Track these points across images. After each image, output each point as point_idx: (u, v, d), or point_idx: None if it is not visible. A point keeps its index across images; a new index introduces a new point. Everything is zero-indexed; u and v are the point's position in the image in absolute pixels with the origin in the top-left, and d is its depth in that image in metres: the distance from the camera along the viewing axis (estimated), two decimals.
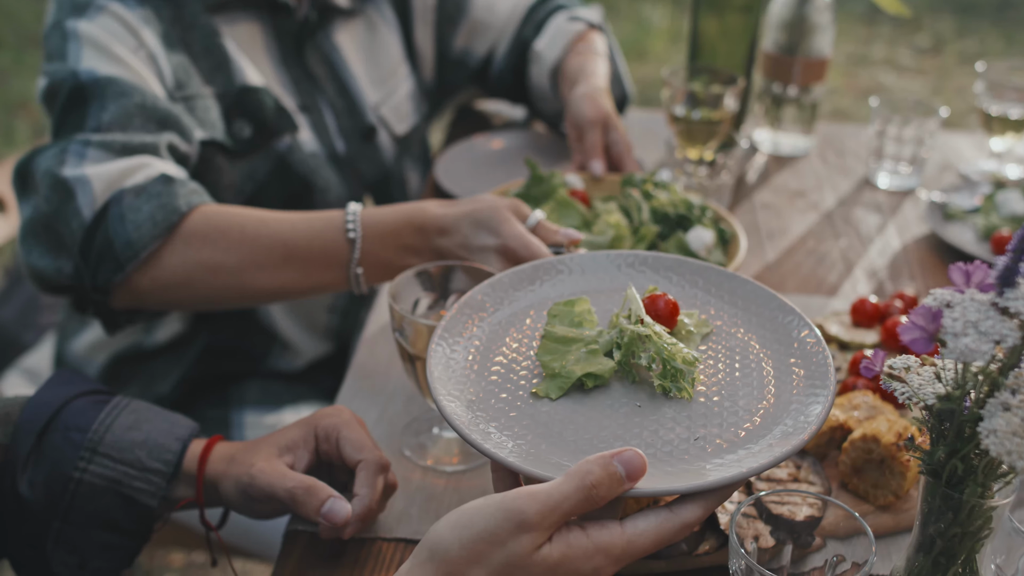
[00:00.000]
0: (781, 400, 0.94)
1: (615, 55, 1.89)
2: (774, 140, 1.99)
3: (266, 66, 1.61)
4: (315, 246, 1.28)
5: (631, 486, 0.82)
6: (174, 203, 1.28)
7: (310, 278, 1.29)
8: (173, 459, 1.05)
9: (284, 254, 1.28)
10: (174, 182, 1.30)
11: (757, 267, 1.61)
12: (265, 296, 1.32)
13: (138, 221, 1.26)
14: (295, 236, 1.28)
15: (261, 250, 1.28)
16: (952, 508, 0.84)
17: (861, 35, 5.91)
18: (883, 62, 5.59)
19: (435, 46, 1.91)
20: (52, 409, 1.06)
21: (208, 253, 1.28)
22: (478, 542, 0.78)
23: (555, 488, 0.79)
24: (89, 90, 1.36)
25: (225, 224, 1.29)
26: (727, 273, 1.10)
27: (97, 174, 1.29)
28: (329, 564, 1.06)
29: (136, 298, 1.31)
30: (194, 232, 1.28)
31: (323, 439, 1.08)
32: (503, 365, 1.00)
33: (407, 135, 1.85)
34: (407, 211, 1.28)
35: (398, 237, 1.27)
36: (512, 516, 0.78)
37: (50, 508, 1.03)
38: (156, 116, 1.38)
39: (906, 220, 1.76)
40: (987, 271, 0.76)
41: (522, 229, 1.21)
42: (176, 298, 1.32)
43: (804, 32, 1.87)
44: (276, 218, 1.30)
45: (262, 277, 1.29)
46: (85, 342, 1.75)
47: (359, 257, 1.27)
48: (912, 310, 0.75)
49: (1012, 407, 0.75)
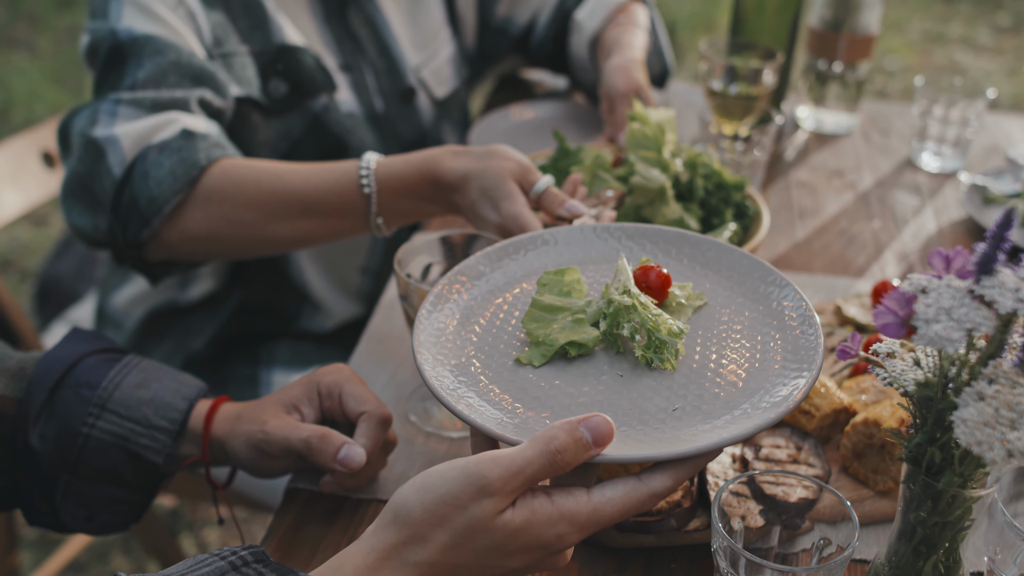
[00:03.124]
0: (764, 375, 0.94)
1: (657, 27, 1.87)
2: (817, 117, 1.96)
3: (308, 25, 1.62)
4: (331, 200, 1.29)
5: (597, 452, 0.82)
6: (194, 157, 1.30)
7: (330, 227, 1.31)
8: (179, 417, 1.08)
9: (301, 207, 1.29)
10: (195, 136, 1.32)
11: (785, 245, 1.59)
12: (289, 244, 1.35)
13: (160, 177, 1.29)
14: (309, 190, 1.29)
15: (277, 204, 1.29)
16: (931, 496, 0.83)
17: (939, 12, 5.75)
18: (960, 40, 5.44)
19: (477, 12, 1.91)
20: (65, 366, 1.08)
21: (228, 208, 1.30)
22: (440, 505, 0.79)
23: (518, 453, 0.80)
24: (127, 48, 1.39)
25: (242, 179, 1.30)
26: (725, 246, 1.09)
27: (125, 132, 1.31)
28: (325, 522, 1.08)
29: (168, 251, 1.35)
30: (213, 187, 1.30)
31: (325, 396, 1.09)
32: (490, 332, 1.01)
33: (446, 99, 1.85)
34: (421, 163, 1.27)
35: (413, 189, 1.27)
36: (474, 480, 0.78)
37: (59, 461, 1.06)
38: (191, 73, 1.40)
39: (945, 203, 1.72)
40: (968, 257, 0.74)
41: (520, 208, 1.20)
42: (204, 250, 1.35)
43: (850, 8, 1.82)
44: (291, 170, 1.31)
45: (282, 228, 1.31)
46: (125, 296, 1.79)
47: (376, 210, 1.28)
48: (887, 294, 0.74)
49: (986, 397, 0.73)
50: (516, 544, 0.81)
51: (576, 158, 1.51)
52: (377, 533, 0.81)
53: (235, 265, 1.70)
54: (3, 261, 3.48)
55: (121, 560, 2.45)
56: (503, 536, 0.80)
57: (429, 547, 0.80)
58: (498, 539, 0.80)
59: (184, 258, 1.38)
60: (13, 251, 3.51)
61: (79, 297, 2.29)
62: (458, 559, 0.81)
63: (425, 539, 0.80)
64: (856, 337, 0.80)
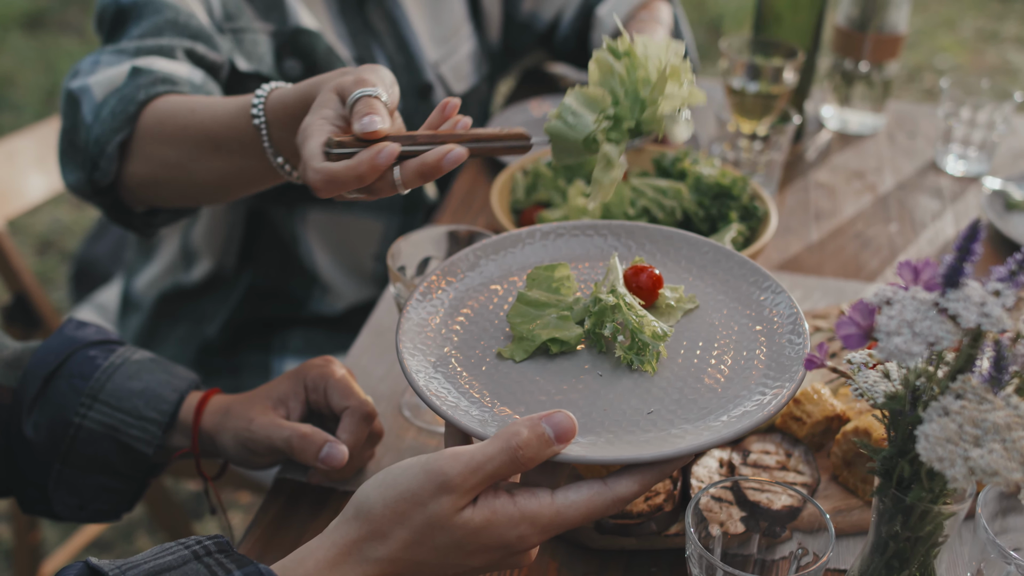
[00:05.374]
0: (743, 383, 0.93)
1: (681, 25, 1.85)
2: (842, 117, 1.93)
3: (323, 15, 1.63)
4: (232, 135, 1.14)
5: (559, 449, 0.82)
6: (133, 94, 1.21)
7: (239, 167, 1.17)
8: (169, 409, 1.09)
9: (212, 144, 1.16)
10: (140, 73, 1.23)
11: (798, 247, 1.57)
12: (215, 190, 1.22)
13: (104, 116, 1.22)
14: (215, 124, 1.15)
15: (191, 141, 1.18)
16: (902, 511, 0.82)
17: (994, 10, 5.63)
18: (1015, 40, 5.32)
19: (502, 7, 1.91)
20: (60, 356, 1.10)
21: (157, 147, 1.20)
22: (400, 502, 0.79)
23: (479, 449, 0.79)
24: (128, 11, 1.37)
25: (166, 115, 1.20)
26: (724, 249, 1.08)
27: (97, 81, 1.26)
28: (311, 513, 1.09)
29: (132, 197, 1.27)
30: (147, 126, 1.20)
31: (312, 389, 1.10)
32: (476, 325, 1.01)
33: (465, 94, 1.85)
34: (308, 86, 1.06)
35: (300, 119, 1.05)
36: (434, 477, 0.79)
37: (51, 450, 1.08)
38: (188, 32, 1.36)
39: (967, 208, 1.69)
40: (936, 269, 0.73)
41: (309, 118, 0.99)
42: (155, 194, 1.25)
43: (878, 7, 1.79)
44: (204, 103, 1.19)
45: (200, 169, 1.18)
46: (143, 280, 1.82)
47: (270, 145, 1.11)
48: (852, 304, 0.73)
49: (951, 412, 0.72)
50: (477, 543, 0.81)
51: None
52: (339, 528, 0.81)
53: (242, 245, 1.71)
54: (44, 242, 3.54)
55: (145, 540, 2.49)
56: (463, 534, 0.80)
57: (389, 543, 0.80)
58: (458, 537, 0.80)
59: (150, 204, 1.29)
60: (55, 232, 3.58)
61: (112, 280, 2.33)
62: (418, 556, 0.81)
63: (385, 535, 0.80)
64: (823, 346, 0.78)
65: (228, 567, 0.80)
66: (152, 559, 0.80)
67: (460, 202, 1.68)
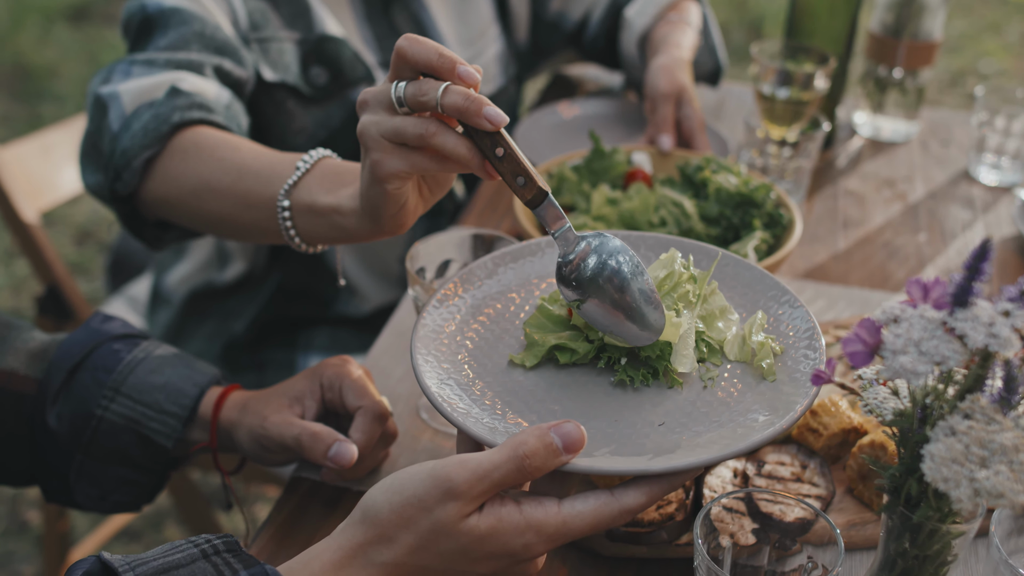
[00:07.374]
0: (757, 396, 0.92)
1: (710, 25, 1.85)
2: (874, 124, 1.91)
3: (348, 21, 1.63)
4: (262, 176, 1.12)
5: (568, 459, 0.82)
6: (168, 114, 1.23)
7: (243, 212, 1.14)
8: (189, 403, 1.10)
9: (236, 177, 1.15)
10: (179, 94, 1.25)
11: (823, 256, 1.55)
12: (218, 223, 1.20)
13: (135, 130, 1.23)
14: (251, 164, 1.15)
15: (223, 175, 1.16)
16: (909, 529, 0.81)
17: None
18: None
19: (530, 7, 1.91)
20: (85, 349, 1.12)
21: (185, 169, 1.20)
22: (406, 507, 0.80)
23: (486, 457, 0.80)
24: (154, 20, 1.40)
25: (207, 145, 1.20)
26: (743, 262, 1.08)
27: (127, 89, 1.28)
28: (324, 512, 1.10)
29: (148, 211, 1.27)
30: (178, 148, 1.21)
31: (327, 388, 1.11)
32: (491, 333, 1.01)
33: (492, 96, 1.85)
34: None
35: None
36: (440, 483, 0.79)
37: (74, 441, 1.09)
38: (214, 44, 1.38)
39: (998, 219, 1.66)
40: (946, 288, 0.72)
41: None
42: (170, 214, 1.25)
43: (912, 13, 1.77)
44: (250, 148, 1.19)
45: (214, 203, 1.17)
46: (174, 276, 1.84)
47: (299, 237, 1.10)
48: (860, 321, 0.72)
49: (958, 432, 0.71)
50: (482, 550, 0.81)
51: (611, 160, 1.50)
52: (345, 531, 0.82)
53: (272, 247, 1.72)
54: (83, 232, 3.59)
55: (174, 530, 2.51)
56: (468, 541, 0.80)
57: (395, 548, 0.81)
58: (463, 544, 0.80)
59: (163, 219, 1.29)
60: (93, 223, 3.62)
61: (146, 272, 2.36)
62: (423, 561, 0.81)
63: (391, 540, 0.81)
64: (831, 362, 0.78)
65: (235, 567, 0.81)
66: (161, 556, 0.81)
67: (486, 204, 1.68)
